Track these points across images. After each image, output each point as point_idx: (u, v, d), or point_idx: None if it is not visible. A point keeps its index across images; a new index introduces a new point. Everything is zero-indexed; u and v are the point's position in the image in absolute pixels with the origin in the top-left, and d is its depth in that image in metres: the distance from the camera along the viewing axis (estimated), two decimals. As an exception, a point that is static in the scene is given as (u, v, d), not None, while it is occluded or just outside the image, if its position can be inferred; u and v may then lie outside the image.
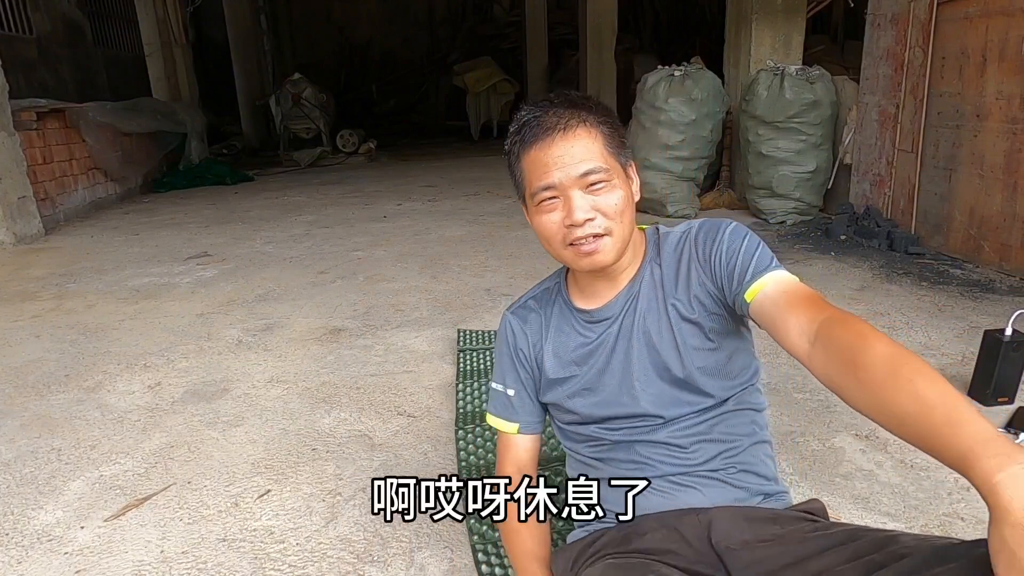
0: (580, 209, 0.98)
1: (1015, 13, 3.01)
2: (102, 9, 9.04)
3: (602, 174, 0.99)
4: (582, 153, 0.98)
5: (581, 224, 0.99)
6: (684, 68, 4.61)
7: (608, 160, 1.01)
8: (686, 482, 1.03)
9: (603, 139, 1.01)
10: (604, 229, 1.00)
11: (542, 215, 1.02)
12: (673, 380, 1.05)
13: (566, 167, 0.98)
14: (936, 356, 2.29)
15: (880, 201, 3.96)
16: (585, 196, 0.99)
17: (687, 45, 11.49)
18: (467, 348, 2.46)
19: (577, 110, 1.01)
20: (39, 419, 2.10)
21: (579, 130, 0.99)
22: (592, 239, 1.00)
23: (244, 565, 1.40)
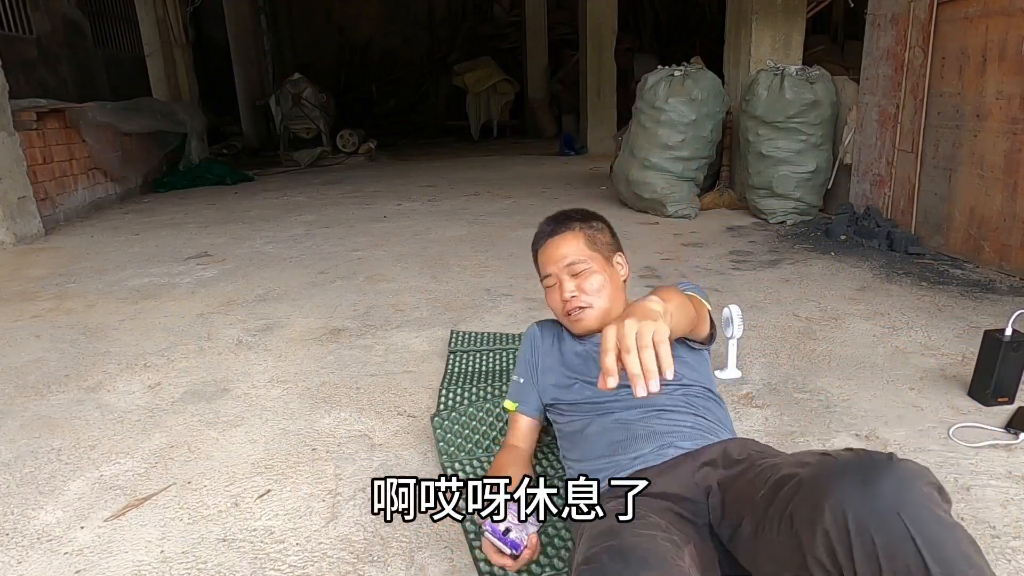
0: (567, 289, 1.42)
1: (1015, 13, 3.02)
2: (102, 9, 9.03)
3: (582, 264, 1.42)
4: (567, 250, 1.44)
5: (568, 300, 1.42)
6: (684, 68, 4.61)
7: (587, 253, 1.43)
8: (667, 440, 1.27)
9: (584, 239, 1.46)
10: (586, 303, 1.41)
11: (548, 293, 1.49)
12: None
13: (558, 261, 1.44)
14: (936, 356, 2.29)
15: (880, 201, 3.96)
16: (571, 280, 1.42)
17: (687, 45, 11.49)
18: (458, 350, 2.44)
19: (569, 221, 1.49)
20: (39, 419, 2.10)
21: (566, 234, 1.46)
22: (578, 310, 1.42)
23: (244, 565, 1.40)
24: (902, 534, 0.81)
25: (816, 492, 0.88)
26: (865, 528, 0.82)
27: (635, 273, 3.40)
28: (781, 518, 0.93)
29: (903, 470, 0.86)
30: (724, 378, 2.17)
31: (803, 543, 0.88)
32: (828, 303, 2.86)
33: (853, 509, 0.83)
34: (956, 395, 2.01)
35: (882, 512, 0.82)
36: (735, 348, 2.17)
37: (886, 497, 0.83)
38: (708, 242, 4.03)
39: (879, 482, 0.84)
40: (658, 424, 1.29)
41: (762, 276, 3.30)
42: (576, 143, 9.03)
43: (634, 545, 0.95)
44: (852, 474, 0.86)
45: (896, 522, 0.81)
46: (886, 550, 0.81)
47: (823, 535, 0.85)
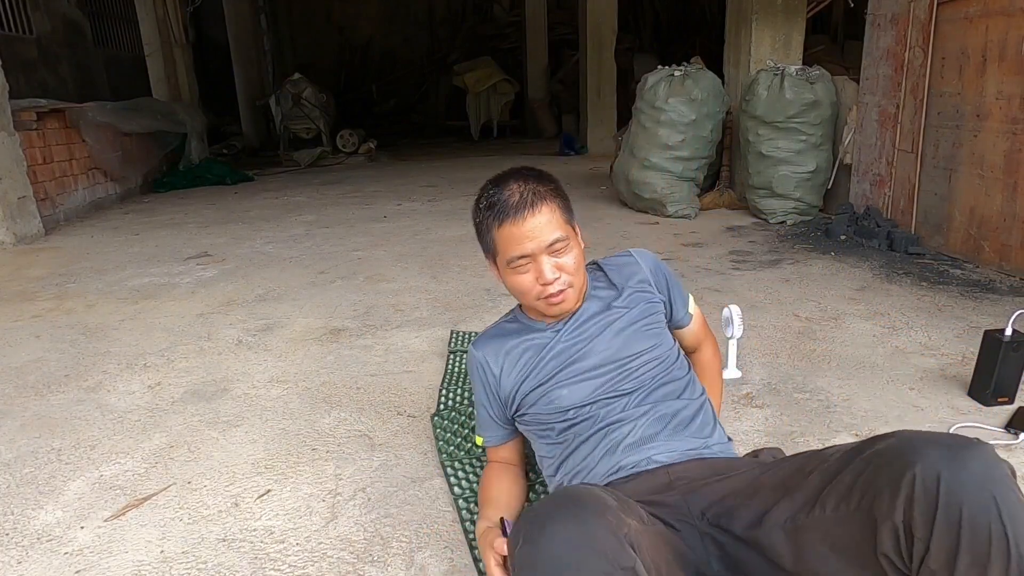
0: (547, 272, 1.23)
1: (1015, 13, 3.02)
2: (102, 9, 9.03)
3: (563, 242, 1.24)
4: (548, 226, 1.22)
5: (551, 282, 1.24)
6: (684, 68, 4.61)
7: (565, 228, 1.26)
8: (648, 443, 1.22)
9: (559, 211, 1.26)
10: (568, 284, 1.26)
11: (517, 275, 1.27)
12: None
13: (536, 239, 1.22)
14: (936, 356, 2.29)
15: (880, 201, 3.96)
16: (550, 259, 1.24)
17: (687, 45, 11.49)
18: (458, 350, 2.45)
19: (540, 189, 1.24)
20: (39, 419, 2.10)
21: (543, 207, 1.23)
22: (559, 293, 1.26)
23: (244, 565, 1.40)
24: (990, 509, 0.80)
25: (903, 460, 0.86)
26: (956, 497, 0.81)
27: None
28: (849, 492, 0.91)
29: (991, 452, 0.86)
30: (724, 378, 2.16)
31: (876, 512, 0.86)
32: (828, 303, 2.86)
33: (946, 477, 0.82)
34: (956, 395, 2.01)
35: (974, 484, 0.82)
36: (735, 348, 2.17)
37: (977, 472, 0.83)
38: (708, 242, 4.03)
39: (970, 458, 0.84)
40: (631, 439, 1.22)
41: (762, 276, 3.30)
42: (576, 143, 9.04)
43: (587, 497, 0.91)
44: (944, 447, 0.86)
45: (987, 496, 0.81)
46: (971, 521, 0.80)
47: (906, 500, 0.84)
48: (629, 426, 1.24)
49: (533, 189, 1.24)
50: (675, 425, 1.24)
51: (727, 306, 2.13)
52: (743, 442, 1.79)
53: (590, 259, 1.42)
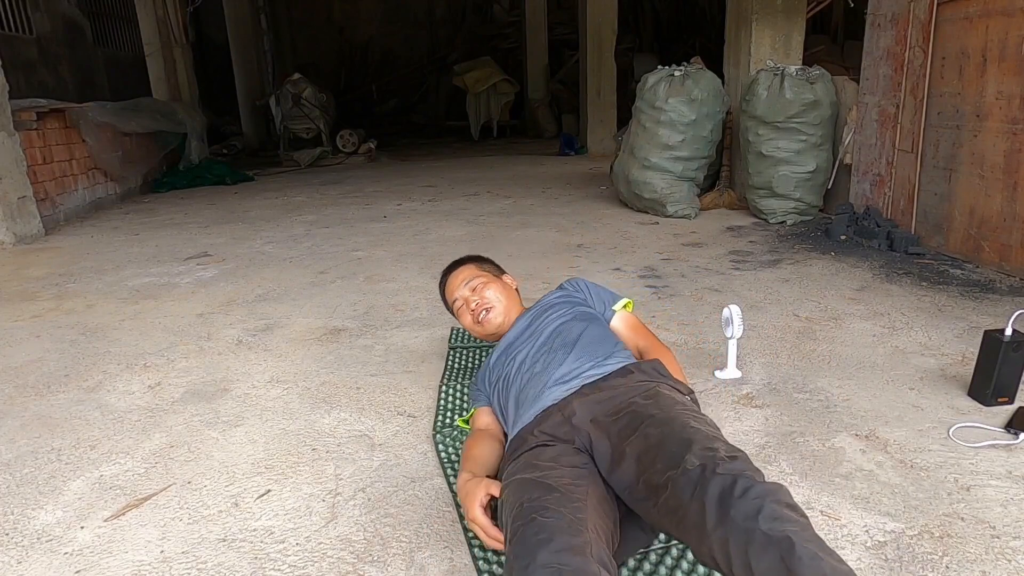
0: (471, 301, 1.87)
1: (1015, 13, 3.01)
2: (102, 9, 9.04)
3: (478, 279, 1.89)
4: (464, 275, 1.92)
5: (475, 307, 1.85)
6: (684, 68, 4.61)
7: (479, 274, 1.91)
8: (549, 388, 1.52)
9: (475, 266, 1.96)
10: (489, 303, 1.84)
11: (461, 317, 1.91)
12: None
13: (459, 286, 1.91)
14: (936, 356, 2.29)
15: (880, 201, 3.96)
16: (472, 294, 1.87)
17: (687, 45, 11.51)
18: (458, 346, 2.46)
19: (460, 263, 1.99)
20: (39, 419, 2.10)
21: (460, 269, 1.96)
22: (484, 311, 1.84)
23: (244, 565, 1.40)
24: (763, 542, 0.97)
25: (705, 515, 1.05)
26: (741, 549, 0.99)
27: (635, 273, 3.41)
28: (670, 512, 1.12)
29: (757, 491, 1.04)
30: (724, 378, 2.17)
31: (691, 541, 1.09)
32: (828, 303, 2.86)
33: (730, 538, 1.00)
34: (956, 395, 2.01)
35: (749, 533, 0.99)
36: (735, 348, 2.17)
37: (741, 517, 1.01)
38: (708, 242, 4.03)
39: (739, 511, 1.02)
40: (539, 366, 1.57)
41: (762, 276, 3.30)
42: (576, 143, 9.04)
43: (541, 525, 1.10)
44: (720, 509, 1.03)
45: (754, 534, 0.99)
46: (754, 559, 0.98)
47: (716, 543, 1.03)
48: (527, 377, 1.58)
49: (455, 264, 1.99)
50: (565, 350, 1.58)
51: (727, 306, 2.13)
52: (743, 442, 1.79)
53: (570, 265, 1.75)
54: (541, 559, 1.02)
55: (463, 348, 2.44)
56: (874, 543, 1.39)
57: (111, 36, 9.27)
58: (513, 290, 1.94)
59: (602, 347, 1.60)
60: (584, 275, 2.01)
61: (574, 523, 1.10)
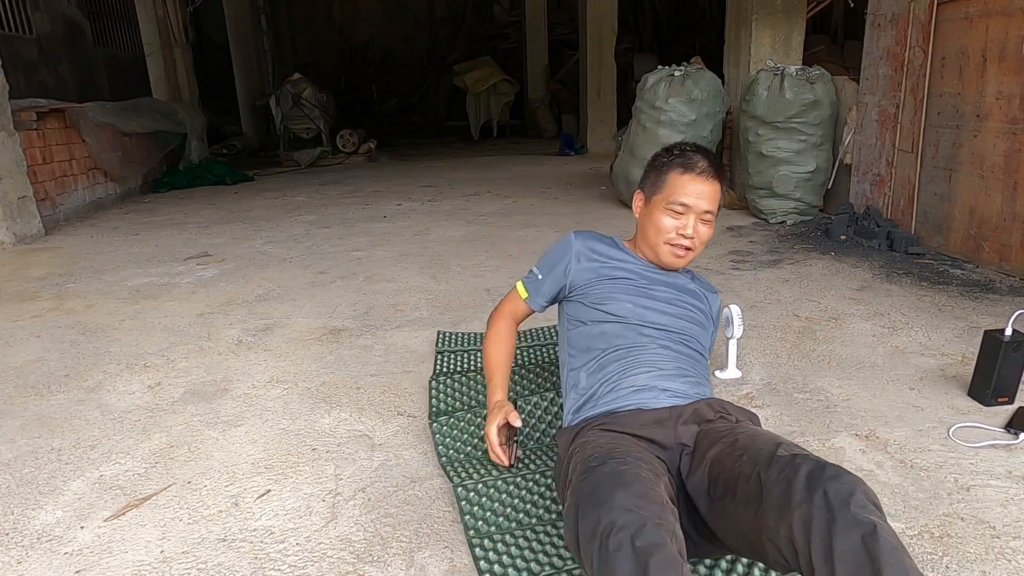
0: (689, 227, 1.54)
1: (1015, 13, 3.02)
2: (102, 9, 9.04)
3: (711, 216, 1.56)
4: (712, 198, 1.55)
5: (687, 236, 1.54)
6: (684, 68, 4.61)
7: (713, 203, 1.55)
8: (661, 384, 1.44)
9: (720, 194, 1.57)
10: (694, 247, 1.57)
11: (665, 216, 1.56)
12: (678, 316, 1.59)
13: (699, 198, 1.53)
14: (936, 356, 2.29)
15: (880, 201, 3.96)
16: (696, 223, 1.55)
17: (687, 45, 11.50)
18: (445, 350, 2.45)
19: (720, 171, 1.57)
20: (39, 419, 2.10)
21: (716, 182, 1.55)
22: (684, 250, 1.57)
23: (244, 565, 1.40)
24: (862, 555, 0.93)
25: (797, 497, 1.02)
26: (827, 533, 0.96)
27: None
28: (748, 501, 1.09)
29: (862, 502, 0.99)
30: (724, 378, 2.17)
31: (764, 524, 1.04)
32: (828, 303, 2.86)
33: (815, 514, 0.98)
34: (956, 395, 2.01)
35: (836, 511, 0.97)
36: (735, 348, 2.17)
37: (851, 529, 0.96)
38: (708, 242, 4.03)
39: (831, 490, 0.99)
40: (662, 363, 1.47)
41: (762, 276, 3.30)
42: (576, 143, 9.04)
43: (621, 471, 1.10)
44: (807, 486, 1.01)
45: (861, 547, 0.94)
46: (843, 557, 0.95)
47: (799, 525, 0.99)
48: (648, 355, 1.48)
49: (716, 167, 1.57)
50: (681, 374, 1.47)
51: (727, 306, 2.13)
52: (743, 442, 1.79)
53: None
54: (619, 499, 1.00)
55: (451, 352, 2.43)
56: (874, 543, 1.39)
57: (111, 36, 9.27)
58: None
59: (705, 376, 1.56)
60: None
61: (652, 481, 1.09)
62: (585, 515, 1.02)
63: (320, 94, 9.59)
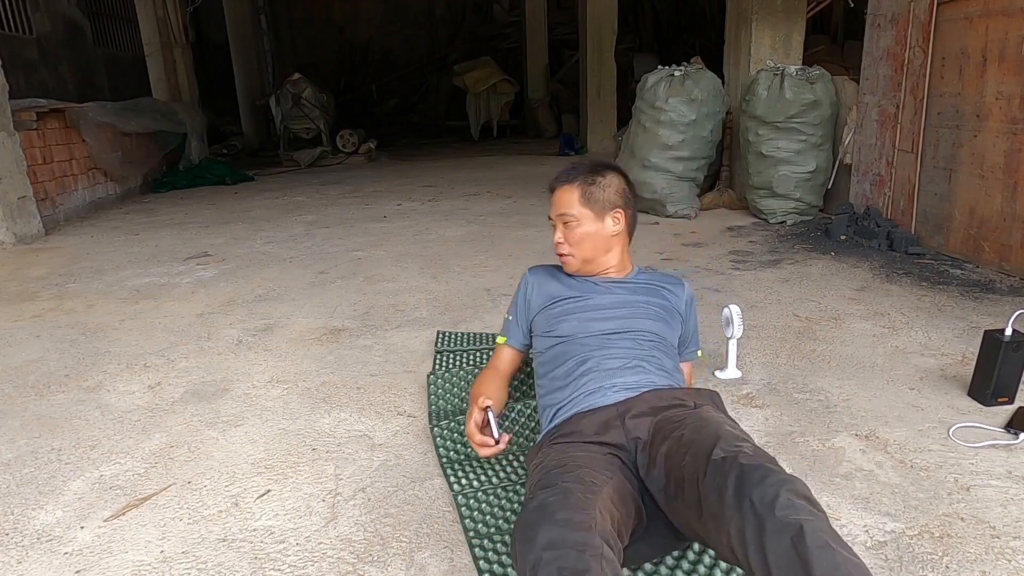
0: (556, 236, 1.68)
1: (1015, 13, 3.02)
2: (102, 9, 9.04)
3: (570, 217, 1.64)
4: (563, 202, 1.66)
5: (556, 244, 1.69)
6: (684, 68, 4.61)
7: (578, 208, 1.64)
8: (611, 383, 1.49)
9: (580, 193, 1.65)
10: (568, 252, 1.67)
11: (552, 231, 1.71)
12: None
13: (555, 209, 1.68)
14: (936, 356, 2.29)
15: (880, 201, 3.96)
16: (562, 228, 1.67)
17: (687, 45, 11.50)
18: (444, 350, 2.45)
19: (575, 174, 1.68)
20: (39, 419, 2.10)
21: (567, 187, 1.67)
22: (561, 256, 1.69)
23: (244, 565, 1.40)
24: (793, 559, 0.96)
25: (736, 499, 1.06)
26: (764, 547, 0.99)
27: (635, 273, 3.41)
28: (692, 507, 1.14)
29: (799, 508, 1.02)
30: (724, 378, 2.17)
31: (709, 534, 1.10)
32: (828, 303, 2.86)
33: (746, 526, 1.02)
34: (956, 395, 2.01)
35: (764, 520, 1.00)
36: (735, 348, 2.17)
37: (781, 530, 0.99)
38: (708, 242, 4.03)
39: (757, 499, 1.02)
40: (611, 363, 1.51)
41: (762, 276, 3.30)
42: (576, 143, 9.03)
43: (549, 503, 1.11)
44: (738, 497, 1.04)
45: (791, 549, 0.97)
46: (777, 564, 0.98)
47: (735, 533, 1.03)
48: (597, 360, 1.52)
49: (571, 172, 1.68)
50: (633, 367, 1.51)
51: (727, 306, 2.14)
52: (743, 442, 1.79)
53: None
54: (543, 532, 1.04)
55: (450, 352, 2.43)
56: (874, 543, 1.39)
57: (111, 36, 9.27)
58: (610, 236, 1.67)
59: (668, 371, 1.57)
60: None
61: (582, 502, 1.11)
62: (519, 551, 1.06)
63: (320, 94, 9.59)
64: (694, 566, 1.33)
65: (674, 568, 1.33)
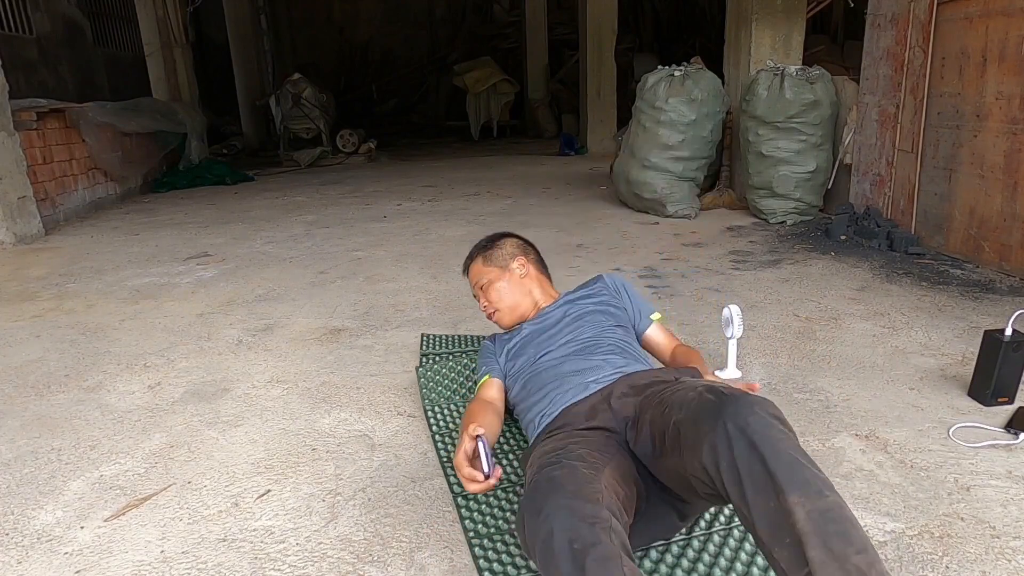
0: (481, 303, 1.93)
1: (1015, 13, 3.02)
2: (102, 9, 9.04)
3: (483, 280, 1.90)
4: (473, 275, 1.95)
5: (483, 309, 1.91)
6: (684, 68, 4.61)
7: (484, 271, 1.91)
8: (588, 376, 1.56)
9: (481, 262, 1.93)
10: (493, 308, 1.89)
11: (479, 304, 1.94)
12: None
13: (472, 284, 1.95)
14: (936, 356, 2.29)
15: (880, 201, 3.96)
16: (482, 295, 1.91)
17: (687, 45, 11.50)
18: (430, 352, 2.45)
19: (472, 255, 1.98)
20: (39, 419, 2.10)
21: (471, 266, 1.96)
22: (490, 315, 1.90)
23: (244, 565, 1.40)
24: (754, 458, 1.03)
25: (707, 424, 1.11)
26: (726, 450, 1.06)
27: (635, 273, 3.41)
28: (673, 449, 1.19)
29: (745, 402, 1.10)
30: (724, 378, 2.16)
31: (687, 466, 1.14)
32: (828, 303, 2.86)
33: (717, 441, 1.07)
34: (956, 395, 2.01)
35: (733, 436, 1.05)
36: (735, 348, 2.17)
37: (735, 426, 1.06)
38: (708, 242, 4.03)
39: (729, 417, 1.08)
40: (577, 367, 1.58)
41: (762, 276, 3.30)
42: (576, 143, 9.03)
43: (555, 476, 1.16)
44: (711, 418, 1.10)
45: (751, 450, 1.04)
46: (743, 465, 1.04)
47: (708, 451, 1.08)
48: (563, 370, 1.59)
49: (470, 256, 1.98)
50: (597, 365, 1.57)
51: (727, 306, 2.13)
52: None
53: (579, 265, 1.80)
54: (551, 505, 1.07)
55: (436, 355, 2.43)
56: (874, 543, 1.39)
57: (111, 36, 9.27)
58: (524, 278, 1.89)
59: (634, 354, 1.66)
60: (585, 275, 2.01)
61: (587, 477, 1.15)
62: (527, 524, 1.09)
63: (320, 94, 9.59)
64: (694, 564, 1.33)
65: (673, 567, 1.33)
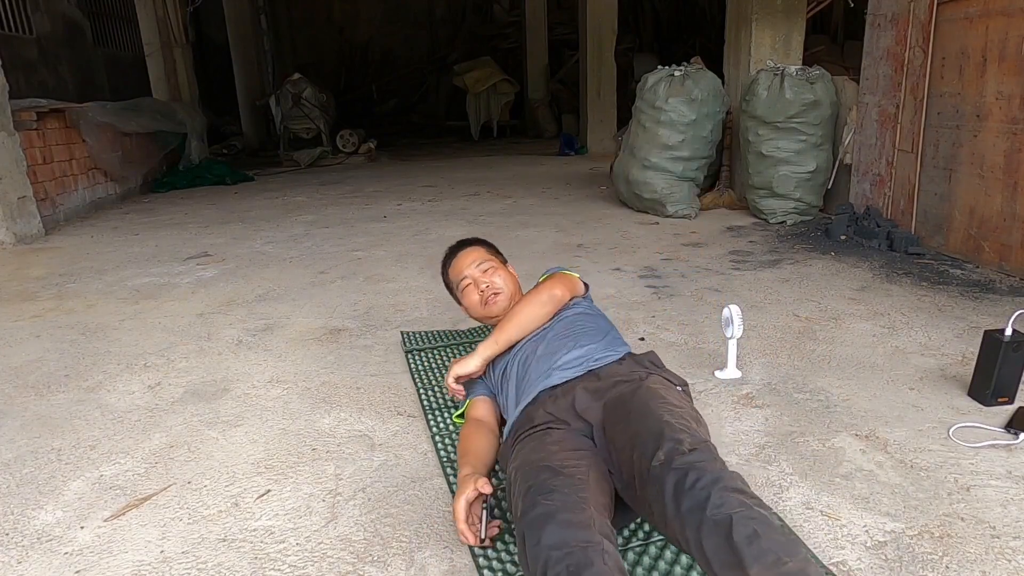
0: (481, 282, 1.90)
1: (1015, 13, 3.01)
2: (102, 9, 9.04)
3: (488, 263, 1.93)
4: (475, 256, 1.94)
5: (484, 289, 1.89)
6: (684, 68, 4.61)
7: (489, 257, 1.96)
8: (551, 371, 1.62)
9: (484, 249, 2.00)
10: (498, 289, 1.90)
11: (466, 296, 1.92)
12: None
13: (468, 265, 1.93)
14: (936, 356, 2.29)
15: (880, 201, 3.96)
16: (483, 276, 1.91)
17: (687, 45, 11.51)
18: (414, 349, 2.47)
19: (468, 243, 2.02)
20: (39, 419, 2.10)
21: (469, 249, 1.98)
22: (493, 295, 1.88)
23: (244, 565, 1.40)
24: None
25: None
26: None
27: (635, 273, 3.41)
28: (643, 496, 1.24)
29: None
30: (724, 378, 2.17)
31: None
32: (828, 303, 2.86)
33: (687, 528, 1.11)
34: (956, 395, 2.01)
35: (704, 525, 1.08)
36: (735, 348, 2.17)
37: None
38: (708, 242, 4.03)
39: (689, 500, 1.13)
40: (544, 359, 1.64)
41: (762, 276, 3.30)
42: (576, 143, 9.03)
43: (547, 505, 1.20)
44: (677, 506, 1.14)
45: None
46: None
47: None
48: (534, 364, 1.64)
49: (463, 244, 2.01)
50: (564, 349, 1.64)
51: (727, 306, 2.13)
52: (743, 442, 1.79)
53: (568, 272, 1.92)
54: (548, 534, 1.13)
55: (419, 351, 2.46)
56: (874, 543, 1.39)
57: (111, 36, 9.27)
58: (517, 281, 1.99)
59: (602, 336, 1.71)
60: (584, 275, 2.01)
61: (578, 502, 1.21)
62: (528, 553, 1.14)
63: (320, 94, 9.59)
64: (694, 563, 1.33)
65: (672, 564, 1.33)
